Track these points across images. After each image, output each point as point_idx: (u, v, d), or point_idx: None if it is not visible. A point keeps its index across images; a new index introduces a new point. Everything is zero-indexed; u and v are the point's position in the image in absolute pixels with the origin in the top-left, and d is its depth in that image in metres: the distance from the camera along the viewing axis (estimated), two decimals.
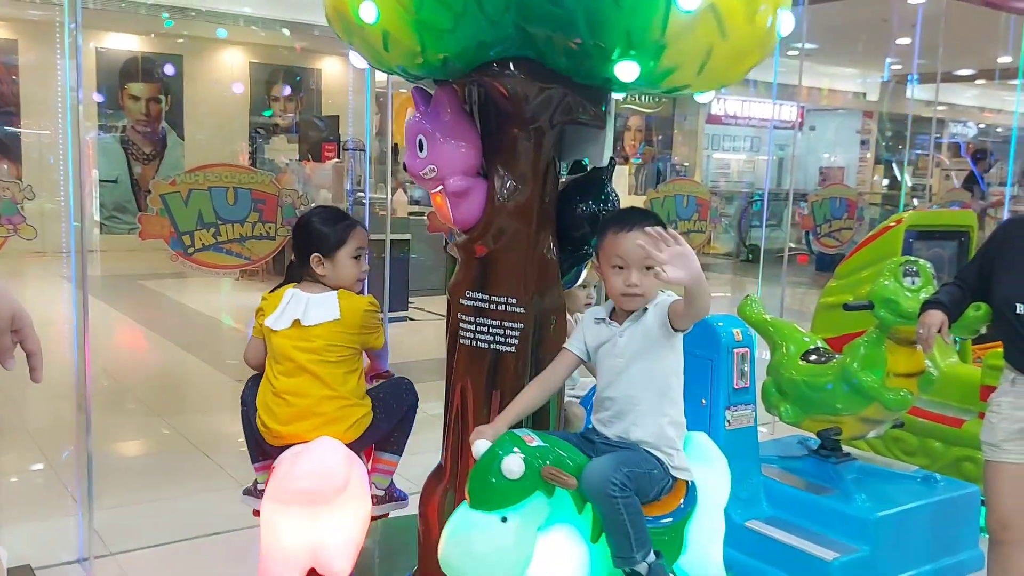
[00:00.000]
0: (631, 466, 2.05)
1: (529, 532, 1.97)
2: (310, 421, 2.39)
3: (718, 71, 2.16)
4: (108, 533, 3.43)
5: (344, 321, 2.43)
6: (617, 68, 2.03)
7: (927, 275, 3.03)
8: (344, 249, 2.50)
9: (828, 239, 5.52)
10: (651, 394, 2.11)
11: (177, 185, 3.30)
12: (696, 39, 2.01)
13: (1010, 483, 2.66)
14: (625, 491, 1.99)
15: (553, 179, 2.38)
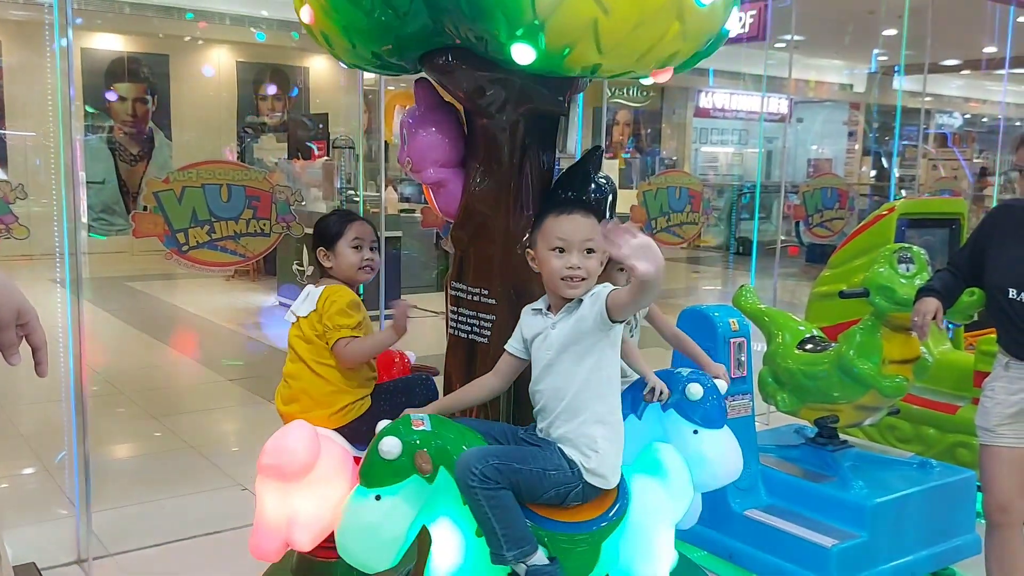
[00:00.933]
0: (508, 460, 1.96)
1: (403, 515, 1.94)
2: (300, 403, 2.48)
3: (625, 48, 2.03)
4: (106, 534, 3.42)
5: (319, 312, 2.48)
6: (512, 51, 2.03)
7: (921, 262, 3.05)
8: (343, 240, 2.54)
9: (820, 229, 5.54)
10: (577, 389, 2.00)
11: (171, 183, 3.28)
12: (574, 15, 1.94)
13: (1006, 467, 2.68)
14: (487, 483, 1.91)
15: (535, 170, 2.35)
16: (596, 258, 2.04)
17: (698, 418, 2.29)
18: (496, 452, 1.99)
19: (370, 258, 2.56)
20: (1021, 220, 2.71)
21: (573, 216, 2.03)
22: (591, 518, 2.02)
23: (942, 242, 4.44)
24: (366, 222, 2.60)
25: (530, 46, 2.00)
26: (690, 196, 4.94)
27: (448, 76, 2.27)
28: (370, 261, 2.56)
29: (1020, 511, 2.71)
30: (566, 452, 2.00)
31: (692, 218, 4.99)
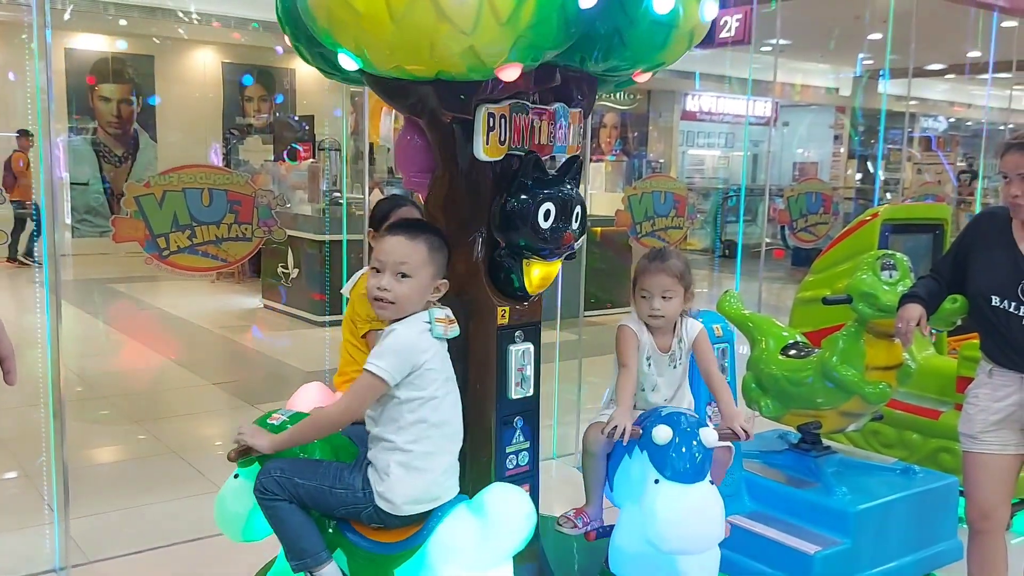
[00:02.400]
0: (291, 474, 2.05)
1: (248, 495, 2.15)
2: (341, 375, 2.73)
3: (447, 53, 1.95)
4: (86, 541, 3.38)
5: (351, 301, 2.67)
6: (340, 60, 2.10)
7: (904, 268, 3.05)
8: (388, 222, 2.55)
9: (804, 233, 5.56)
10: (382, 417, 2.05)
11: (151, 187, 3.25)
12: (355, 24, 1.91)
13: (989, 474, 2.69)
14: (264, 495, 2.04)
15: (481, 177, 2.29)
16: (408, 284, 2.02)
17: (662, 466, 2.16)
18: (286, 465, 2.09)
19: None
20: (1004, 227, 2.72)
21: (395, 237, 2.05)
22: (389, 541, 2.08)
23: (926, 248, 4.45)
24: (414, 207, 2.65)
25: (348, 55, 2.06)
26: (675, 200, 4.94)
27: (369, 80, 2.27)
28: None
29: (1002, 518, 2.71)
30: (368, 473, 2.07)
31: (677, 222, 4.99)
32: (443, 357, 2.11)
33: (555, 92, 2.33)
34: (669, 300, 2.43)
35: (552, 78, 2.28)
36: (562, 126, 2.37)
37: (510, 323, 2.34)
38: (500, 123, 2.19)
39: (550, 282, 2.39)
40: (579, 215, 2.31)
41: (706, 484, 2.19)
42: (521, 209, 2.22)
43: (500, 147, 2.22)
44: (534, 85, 2.24)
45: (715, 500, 2.20)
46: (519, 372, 2.36)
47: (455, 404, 2.14)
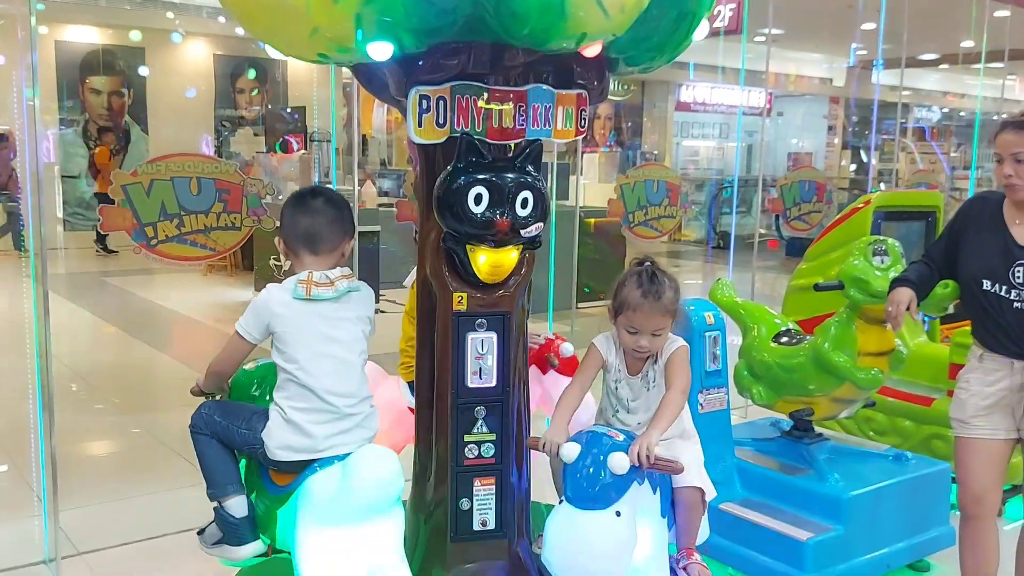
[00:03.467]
0: (214, 412, 2.33)
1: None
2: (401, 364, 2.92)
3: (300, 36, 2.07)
4: (76, 533, 3.37)
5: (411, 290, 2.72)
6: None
7: (896, 254, 3.04)
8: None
9: (798, 222, 5.55)
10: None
11: (139, 176, 3.22)
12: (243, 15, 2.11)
13: (980, 458, 2.69)
14: (193, 428, 2.34)
15: (435, 160, 2.29)
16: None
17: (565, 486, 2.12)
18: (214, 405, 2.35)
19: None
20: (995, 211, 2.71)
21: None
22: (278, 484, 2.24)
23: (918, 235, 4.45)
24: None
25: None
26: (668, 189, 4.92)
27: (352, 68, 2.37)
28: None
29: (994, 503, 2.72)
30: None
31: (670, 211, 4.98)
32: (310, 319, 2.19)
33: (537, 73, 2.22)
34: (658, 336, 2.26)
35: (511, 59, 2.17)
36: (540, 109, 2.24)
37: (469, 310, 2.29)
38: (438, 105, 2.15)
39: (505, 271, 2.26)
40: (528, 201, 2.19)
41: (606, 514, 2.00)
42: (450, 193, 2.16)
43: (439, 130, 2.17)
44: (490, 67, 2.17)
45: (612, 534, 2.00)
46: (476, 361, 2.31)
47: (331, 371, 2.18)
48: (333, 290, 2.20)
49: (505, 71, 2.20)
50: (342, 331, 2.22)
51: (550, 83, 2.25)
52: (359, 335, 2.25)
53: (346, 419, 2.19)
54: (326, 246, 2.28)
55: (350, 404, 2.20)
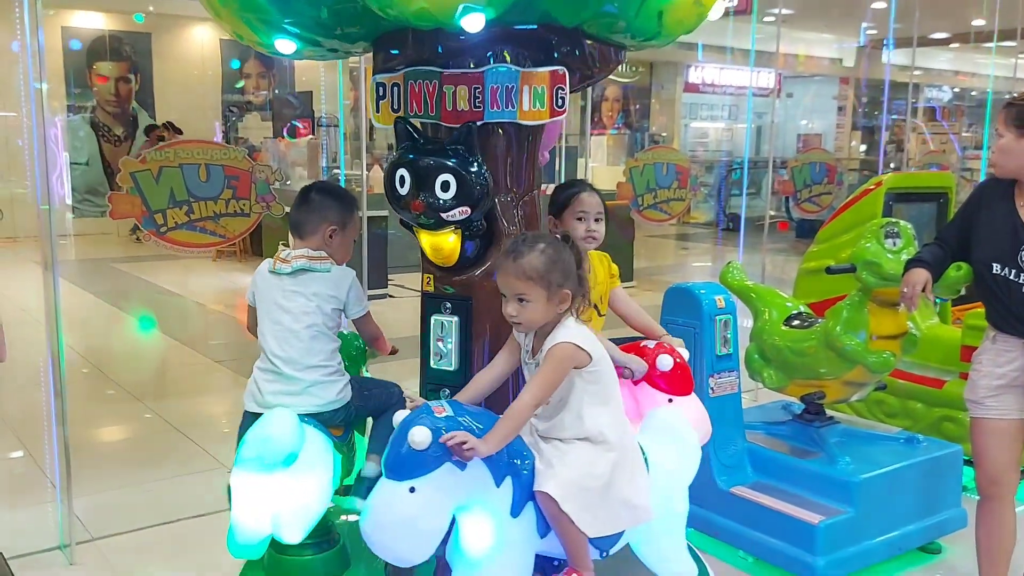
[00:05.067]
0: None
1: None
2: None
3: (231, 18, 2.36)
4: (90, 518, 3.39)
5: None
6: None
7: (908, 236, 3.02)
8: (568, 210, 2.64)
9: (808, 204, 5.52)
10: None
11: (147, 162, 3.22)
12: None
13: (994, 439, 2.68)
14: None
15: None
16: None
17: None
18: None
19: (593, 229, 2.62)
20: (1006, 193, 2.69)
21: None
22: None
23: (930, 216, 4.42)
24: (594, 192, 2.67)
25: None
26: (677, 172, 4.90)
27: None
28: (593, 232, 2.63)
29: (1011, 483, 2.71)
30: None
31: (679, 194, 4.95)
32: (271, 290, 2.51)
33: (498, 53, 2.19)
34: (525, 305, 2.04)
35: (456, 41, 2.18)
36: (499, 89, 2.19)
37: (436, 291, 2.38)
38: (392, 91, 2.30)
39: (446, 254, 2.27)
40: (450, 184, 2.18)
41: (398, 487, 1.88)
42: (385, 177, 2.32)
43: (393, 115, 2.30)
44: (442, 53, 2.20)
45: (395, 508, 1.89)
46: (437, 343, 2.36)
47: (277, 336, 2.48)
48: (288, 267, 2.49)
49: (462, 54, 2.20)
50: (292, 303, 2.48)
51: (517, 63, 2.19)
52: (310, 309, 2.47)
53: (290, 382, 2.44)
54: (306, 230, 2.57)
55: (293, 369, 2.44)
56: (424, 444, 1.86)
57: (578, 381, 2.08)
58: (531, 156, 2.39)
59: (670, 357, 2.45)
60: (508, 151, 2.33)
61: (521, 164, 2.37)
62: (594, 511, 2.03)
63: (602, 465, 2.06)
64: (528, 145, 2.37)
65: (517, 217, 2.37)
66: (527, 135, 2.34)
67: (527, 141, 2.36)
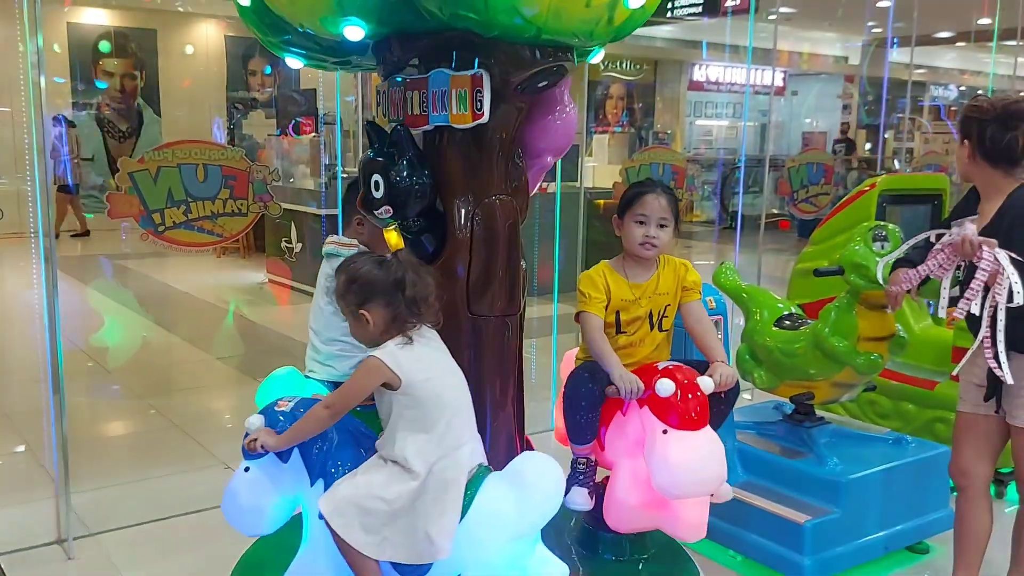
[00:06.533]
0: None
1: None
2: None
3: None
4: (89, 513, 3.44)
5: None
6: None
7: (896, 239, 3.04)
8: (629, 212, 2.61)
9: (805, 204, 5.54)
10: None
11: (145, 163, 3.27)
12: None
13: (966, 432, 2.76)
14: None
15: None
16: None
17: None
18: None
19: (653, 236, 2.53)
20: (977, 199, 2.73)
21: None
22: None
23: (924, 218, 4.43)
24: (664, 194, 2.58)
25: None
26: (673, 172, 4.93)
27: None
28: (651, 238, 2.53)
29: (980, 477, 2.76)
30: None
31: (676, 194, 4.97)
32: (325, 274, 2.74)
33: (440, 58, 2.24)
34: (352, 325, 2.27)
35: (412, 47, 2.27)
36: (437, 94, 2.24)
37: None
38: (383, 98, 2.45)
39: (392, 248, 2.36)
40: (379, 184, 2.29)
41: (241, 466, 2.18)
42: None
43: (384, 119, 2.41)
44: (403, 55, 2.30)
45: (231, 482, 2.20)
46: None
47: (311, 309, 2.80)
48: (324, 250, 2.80)
49: (418, 60, 2.31)
50: (323, 283, 2.74)
51: (453, 68, 2.23)
52: (327, 288, 2.65)
53: (315, 351, 2.76)
54: (344, 220, 2.89)
55: (318, 340, 2.74)
56: (250, 428, 2.14)
57: (395, 404, 2.10)
58: (491, 160, 2.35)
59: (671, 383, 2.28)
60: (461, 155, 2.34)
61: (479, 168, 2.34)
62: (377, 532, 2.04)
63: (396, 490, 2.05)
64: (486, 149, 2.33)
65: (472, 221, 2.35)
66: (487, 139, 2.31)
67: (484, 145, 2.32)
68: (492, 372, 2.42)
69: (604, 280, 2.58)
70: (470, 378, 2.28)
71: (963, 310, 2.50)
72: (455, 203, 2.36)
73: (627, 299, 2.58)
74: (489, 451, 2.30)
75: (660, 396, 2.30)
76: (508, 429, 2.48)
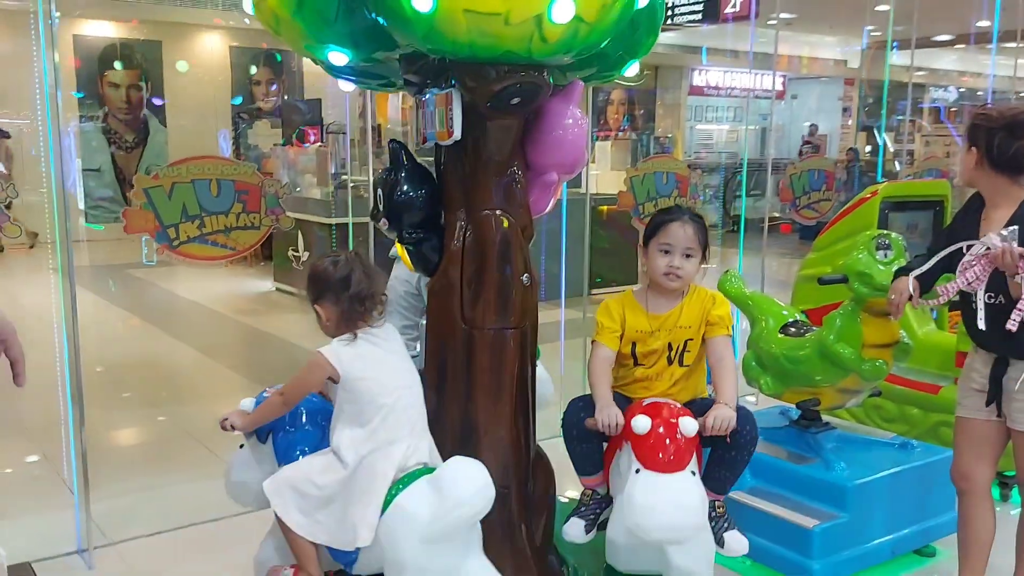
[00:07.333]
0: None
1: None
2: None
3: None
4: (107, 523, 3.49)
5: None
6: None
7: (899, 248, 3.10)
8: (654, 240, 2.53)
9: (807, 211, 5.59)
10: None
11: (160, 179, 3.33)
12: None
13: (966, 436, 2.82)
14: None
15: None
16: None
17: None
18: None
19: (677, 267, 2.42)
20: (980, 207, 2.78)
21: None
22: None
23: (926, 224, 4.48)
24: (691, 223, 2.45)
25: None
26: (677, 180, 4.98)
27: None
28: (675, 269, 2.42)
29: (981, 479, 2.81)
30: None
31: (679, 202, 5.03)
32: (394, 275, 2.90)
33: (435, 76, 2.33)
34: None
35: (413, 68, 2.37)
36: (431, 112, 2.37)
37: None
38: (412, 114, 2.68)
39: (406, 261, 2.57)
40: (380, 197, 2.50)
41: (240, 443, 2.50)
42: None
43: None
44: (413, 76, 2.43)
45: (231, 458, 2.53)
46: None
47: None
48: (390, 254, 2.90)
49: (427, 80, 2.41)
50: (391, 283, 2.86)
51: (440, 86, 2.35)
52: (392, 287, 2.82)
53: None
54: None
55: None
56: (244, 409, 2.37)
57: (337, 397, 2.28)
58: (483, 175, 2.41)
59: (647, 421, 2.23)
60: (455, 170, 2.44)
61: (471, 182, 2.41)
62: (311, 515, 2.22)
63: (328, 478, 2.22)
64: (479, 164, 2.39)
65: (464, 235, 2.42)
66: (478, 155, 2.38)
67: (476, 161, 2.39)
68: (485, 384, 2.45)
69: (621, 310, 2.52)
70: (462, 388, 2.41)
71: (1015, 322, 2.47)
72: (451, 216, 2.46)
73: (643, 330, 2.50)
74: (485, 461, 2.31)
75: (634, 433, 2.27)
76: (502, 441, 2.49)
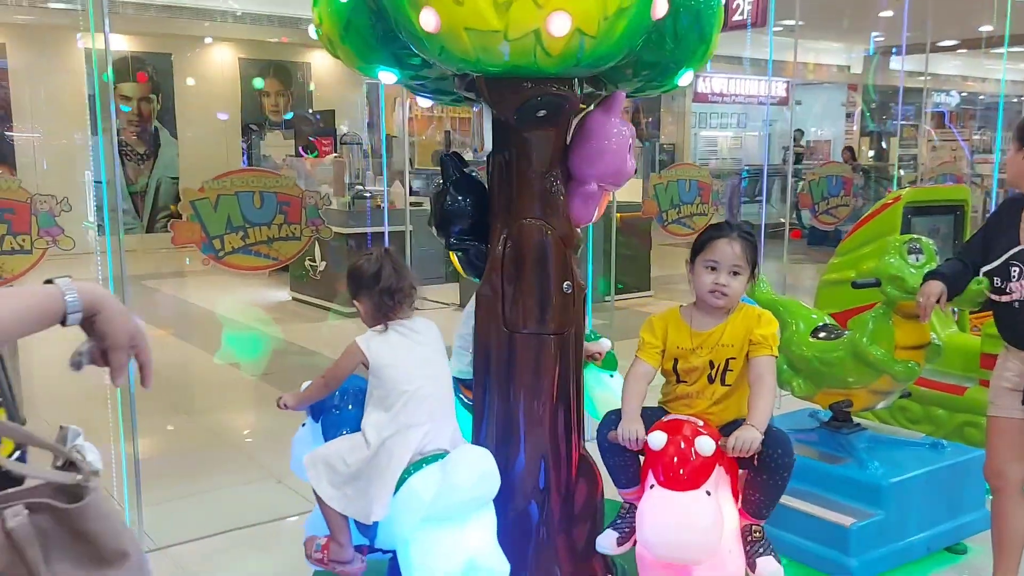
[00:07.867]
0: None
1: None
2: None
3: None
4: (153, 529, 3.56)
5: None
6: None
7: (930, 252, 3.18)
8: (700, 257, 2.45)
9: (825, 216, 5.68)
10: None
11: (206, 191, 3.43)
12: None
13: (999, 435, 2.89)
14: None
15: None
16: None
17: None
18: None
19: (723, 284, 2.36)
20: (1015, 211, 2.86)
21: None
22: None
23: (947, 228, 4.56)
24: (740, 240, 2.38)
25: None
26: (699, 188, 5.07)
27: None
28: (721, 287, 2.36)
29: (1014, 477, 2.88)
30: None
31: (702, 209, 5.13)
32: None
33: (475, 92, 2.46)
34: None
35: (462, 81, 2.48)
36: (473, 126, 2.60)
37: None
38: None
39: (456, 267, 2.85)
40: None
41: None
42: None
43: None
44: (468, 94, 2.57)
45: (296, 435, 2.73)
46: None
47: None
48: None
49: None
50: None
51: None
52: None
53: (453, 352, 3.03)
54: None
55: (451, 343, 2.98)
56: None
57: (369, 383, 2.47)
58: (521, 185, 2.50)
59: (663, 436, 2.20)
60: (498, 180, 2.57)
61: (516, 193, 2.51)
62: (340, 488, 2.43)
63: (355, 457, 2.42)
64: (518, 175, 2.50)
65: (506, 243, 2.52)
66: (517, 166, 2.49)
67: (516, 171, 2.50)
68: (526, 386, 2.56)
69: (664, 326, 2.50)
70: (505, 388, 2.54)
71: None
72: (496, 224, 2.57)
73: (685, 347, 2.46)
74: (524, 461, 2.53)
75: (650, 448, 2.27)
76: (543, 443, 2.60)
